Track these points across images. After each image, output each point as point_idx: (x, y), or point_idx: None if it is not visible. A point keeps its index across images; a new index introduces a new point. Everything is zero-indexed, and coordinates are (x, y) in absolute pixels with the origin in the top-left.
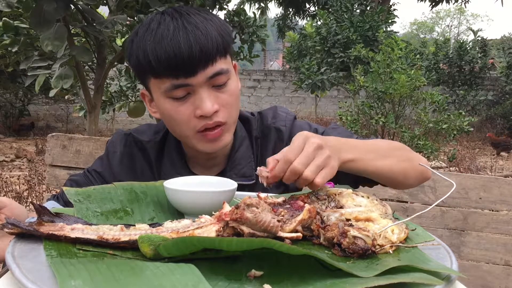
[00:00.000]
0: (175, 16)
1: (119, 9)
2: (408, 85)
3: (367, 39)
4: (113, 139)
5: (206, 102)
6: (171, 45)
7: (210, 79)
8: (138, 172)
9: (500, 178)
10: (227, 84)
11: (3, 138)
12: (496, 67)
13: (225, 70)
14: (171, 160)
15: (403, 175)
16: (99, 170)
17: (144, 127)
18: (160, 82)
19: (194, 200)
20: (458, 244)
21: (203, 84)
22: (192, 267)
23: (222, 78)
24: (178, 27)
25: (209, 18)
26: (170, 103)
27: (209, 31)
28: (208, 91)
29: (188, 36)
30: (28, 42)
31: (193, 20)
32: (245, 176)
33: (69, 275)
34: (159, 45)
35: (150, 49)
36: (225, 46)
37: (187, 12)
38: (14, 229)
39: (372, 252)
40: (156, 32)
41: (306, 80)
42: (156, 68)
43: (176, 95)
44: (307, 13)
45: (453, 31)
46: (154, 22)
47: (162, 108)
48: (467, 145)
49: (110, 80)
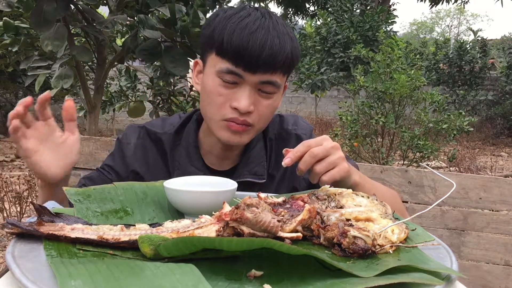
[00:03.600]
0: (266, 16)
1: (119, 9)
2: (408, 85)
3: (367, 39)
4: (126, 132)
5: (246, 99)
6: (249, 37)
7: (261, 84)
8: (150, 163)
9: (500, 178)
10: (272, 96)
11: (3, 138)
12: (496, 67)
13: (278, 84)
14: (187, 151)
15: None
16: (111, 164)
17: (158, 121)
18: (219, 61)
19: (194, 200)
20: (458, 244)
21: (253, 84)
22: (192, 267)
23: (271, 89)
24: (264, 26)
25: (292, 36)
26: (217, 82)
27: (286, 44)
28: (253, 91)
29: (267, 38)
30: (28, 42)
31: (278, 28)
32: (257, 174)
33: (69, 275)
34: (239, 31)
35: (229, 30)
36: (290, 65)
37: (276, 19)
38: (14, 229)
39: (372, 252)
40: (243, 20)
41: (306, 80)
42: (225, 49)
43: (227, 79)
44: (307, 13)
45: (453, 31)
46: (245, 11)
47: (207, 83)
48: (467, 145)
49: (110, 80)
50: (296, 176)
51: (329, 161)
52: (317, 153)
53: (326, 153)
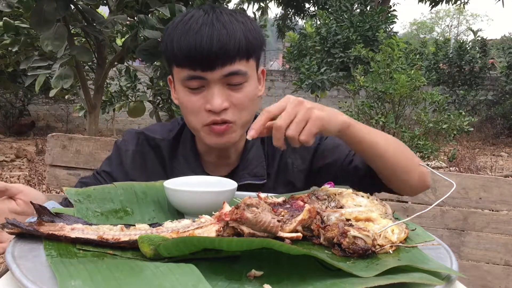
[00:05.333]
0: (208, 12)
1: (119, 9)
2: (408, 85)
3: (367, 39)
4: (125, 137)
5: (216, 98)
6: (195, 38)
7: (226, 77)
8: (149, 170)
9: (500, 178)
10: (243, 85)
11: (3, 138)
12: (496, 67)
13: (243, 71)
14: (185, 157)
15: (404, 167)
16: (108, 170)
17: (156, 126)
18: (180, 71)
19: (194, 200)
20: (458, 244)
21: (218, 81)
22: (192, 267)
23: (238, 79)
24: (206, 22)
25: (241, 20)
26: (185, 92)
27: (235, 31)
28: (221, 88)
29: (213, 32)
30: (28, 42)
31: (222, 19)
32: (257, 175)
33: (69, 275)
34: (184, 36)
35: (177, 39)
36: (249, 50)
37: (220, 10)
38: (14, 229)
39: (372, 252)
40: (186, 24)
41: (306, 80)
42: (178, 57)
43: (191, 86)
44: (307, 13)
45: (453, 31)
46: (189, 14)
47: (179, 96)
48: (467, 145)
49: (110, 80)
50: (288, 169)
51: (298, 121)
52: (281, 124)
53: (291, 115)
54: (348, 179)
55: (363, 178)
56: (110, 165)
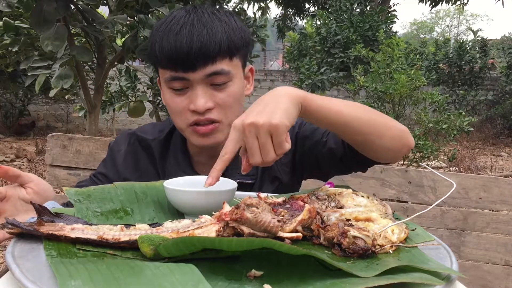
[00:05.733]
0: (190, 12)
1: (119, 9)
2: (408, 85)
3: (367, 39)
4: (117, 139)
5: (200, 98)
6: (175, 39)
7: (208, 77)
8: (142, 170)
9: (500, 178)
10: (227, 85)
11: (3, 138)
12: (496, 67)
13: (225, 71)
14: (175, 158)
15: (375, 131)
16: (103, 172)
17: (148, 127)
18: (163, 72)
19: (194, 200)
20: (458, 244)
21: (200, 81)
22: (192, 267)
23: (221, 78)
24: (187, 23)
25: (223, 20)
26: (169, 93)
27: (216, 31)
28: (204, 88)
29: (192, 32)
30: (28, 42)
31: (204, 19)
32: (247, 174)
33: (69, 275)
34: (165, 37)
35: (158, 40)
36: (231, 49)
37: (202, 10)
38: (14, 229)
39: (372, 252)
40: (168, 25)
41: (306, 80)
42: (159, 59)
43: (174, 87)
44: (307, 13)
45: (453, 31)
46: (171, 16)
47: (164, 97)
48: (467, 145)
49: (110, 80)
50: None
51: (264, 145)
52: (257, 161)
53: (256, 145)
54: (329, 163)
55: (343, 159)
56: (105, 167)
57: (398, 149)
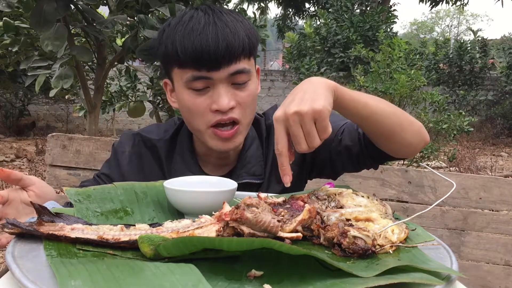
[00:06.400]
0: (208, 12)
1: (119, 9)
2: (408, 85)
3: (367, 39)
4: (121, 139)
5: (224, 97)
6: (200, 38)
7: (231, 76)
8: (146, 171)
9: (500, 178)
10: (247, 84)
11: (3, 138)
12: (496, 67)
13: (247, 70)
14: (182, 157)
15: (399, 124)
16: (107, 173)
17: (152, 127)
18: (183, 72)
19: (194, 200)
20: (458, 244)
21: (223, 80)
22: (192, 267)
23: (243, 77)
24: (209, 22)
25: (240, 20)
26: (189, 94)
27: (238, 30)
28: (227, 88)
29: (217, 32)
30: (28, 42)
31: (224, 18)
32: (255, 174)
33: (69, 275)
34: (188, 36)
35: (179, 40)
36: (251, 48)
37: (219, 10)
38: (14, 229)
39: (372, 252)
40: (187, 25)
41: None
42: (182, 59)
43: (196, 87)
44: (307, 13)
45: (453, 31)
46: (187, 15)
47: (181, 98)
48: (467, 145)
49: (110, 80)
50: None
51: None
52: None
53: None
54: (343, 161)
55: (359, 156)
56: (109, 168)
57: (417, 143)
